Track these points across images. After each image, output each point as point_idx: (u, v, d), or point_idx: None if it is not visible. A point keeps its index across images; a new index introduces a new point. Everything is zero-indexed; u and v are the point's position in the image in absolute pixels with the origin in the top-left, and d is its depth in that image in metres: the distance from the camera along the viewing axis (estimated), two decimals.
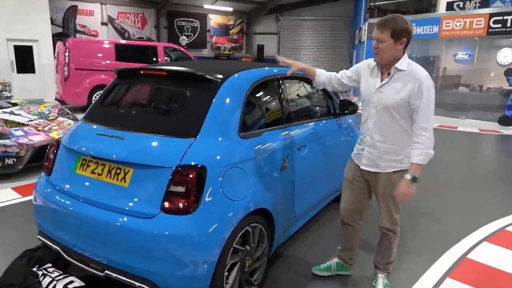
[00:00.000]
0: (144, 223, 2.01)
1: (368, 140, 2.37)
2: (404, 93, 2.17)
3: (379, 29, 2.16)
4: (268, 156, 2.52)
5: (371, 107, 2.32)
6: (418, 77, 2.14)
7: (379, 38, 2.16)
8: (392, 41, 2.14)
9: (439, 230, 3.63)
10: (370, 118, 2.33)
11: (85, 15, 15.99)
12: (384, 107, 2.24)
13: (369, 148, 2.37)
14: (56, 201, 2.35)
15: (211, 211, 2.05)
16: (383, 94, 2.25)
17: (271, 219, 2.52)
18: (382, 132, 2.30)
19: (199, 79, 2.39)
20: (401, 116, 2.23)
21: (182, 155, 2.07)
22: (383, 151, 2.31)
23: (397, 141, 2.28)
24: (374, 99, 2.29)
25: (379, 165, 2.35)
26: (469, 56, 12.21)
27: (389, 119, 2.26)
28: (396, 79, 2.21)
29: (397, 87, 2.19)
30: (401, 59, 2.20)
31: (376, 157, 2.34)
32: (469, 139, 8.69)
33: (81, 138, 2.48)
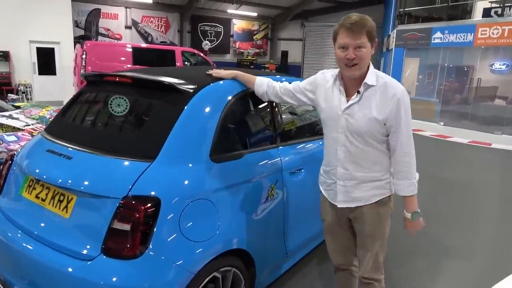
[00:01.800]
0: (80, 267, 1.62)
1: (339, 172, 1.88)
2: (379, 115, 1.73)
3: (355, 32, 1.67)
4: (249, 184, 2.08)
5: (338, 133, 1.83)
6: (395, 93, 1.73)
7: (358, 44, 1.68)
8: (369, 45, 1.72)
9: (467, 272, 3.06)
10: (339, 146, 1.85)
11: (110, 19, 16.12)
12: (356, 132, 1.78)
13: (344, 181, 1.89)
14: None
15: (162, 255, 1.63)
16: (352, 116, 1.77)
17: (251, 260, 2.08)
18: (357, 161, 1.84)
19: (168, 89, 1.99)
20: (377, 139, 1.80)
21: (132, 183, 1.67)
22: (360, 181, 1.87)
23: (377, 167, 1.86)
24: (341, 123, 1.81)
25: (360, 196, 1.89)
26: (507, 67, 11.29)
27: (364, 145, 1.81)
28: (367, 97, 1.76)
29: (369, 108, 1.75)
30: (369, 73, 1.76)
31: (354, 189, 1.88)
32: (505, 158, 7.86)
33: (31, 155, 2.13)
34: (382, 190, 1.89)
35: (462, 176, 5.91)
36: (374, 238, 1.93)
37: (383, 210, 1.91)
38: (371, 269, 1.98)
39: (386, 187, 1.89)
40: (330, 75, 1.89)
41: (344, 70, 1.76)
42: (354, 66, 1.71)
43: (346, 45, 1.70)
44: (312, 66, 19.40)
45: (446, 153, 8.06)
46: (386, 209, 1.92)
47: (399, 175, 1.81)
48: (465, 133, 10.20)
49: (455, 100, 12.45)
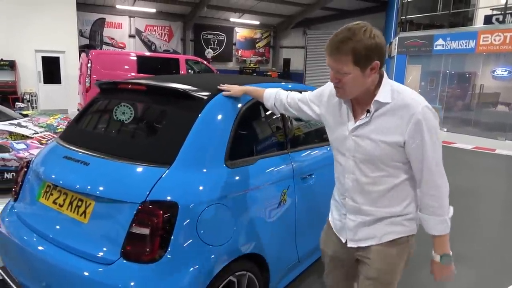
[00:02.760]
0: (100, 271, 1.65)
1: (349, 205, 1.60)
2: (395, 138, 1.42)
3: (333, 55, 1.39)
4: (262, 189, 2.11)
5: (346, 157, 1.55)
6: (413, 111, 1.38)
7: (338, 69, 1.40)
8: (358, 71, 1.37)
9: (477, 279, 3.06)
10: (346, 174, 1.57)
11: (114, 28, 16.29)
12: (366, 158, 1.49)
13: (354, 216, 1.59)
14: (16, 234, 2.05)
15: (181, 259, 1.66)
16: (362, 139, 1.48)
17: (265, 265, 2.10)
18: (368, 193, 1.53)
19: (182, 96, 2.03)
20: (394, 166, 1.48)
21: (150, 188, 1.70)
22: (374, 218, 1.55)
23: (393, 201, 1.53)
24: (349, 146, 1.52)
25: (373, 234, 1.57)
26: (509, 73, 11.34)
27: (376, 173, 1.50)
28: (378, 117, 1.44)
29: (382, 129, 1.44)
30: (382, 86, 1.44)
31: (367, 226, 1.58)
32: (509, 164, 7.87)
33: (48, 161, 2.16)
34: (399, 227, 1.56)
35: (467, 182, 5.91)
36: (383, 283, 1.60)
37: (398, 252, 1.58)
38: None
39: (405, 224, 1.55)
40: None
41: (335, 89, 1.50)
42: (338, 89, 1.46)
43: (328, 65, 1.44)
44: (314, 73, 19.49)
45: (450, 159, 8.04)
46: (402, 251, 1.59)
47: (427, 210, 1.48)
48: (469, 139, 10.21)
49: (457, 106, 12.48)
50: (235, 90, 2.08)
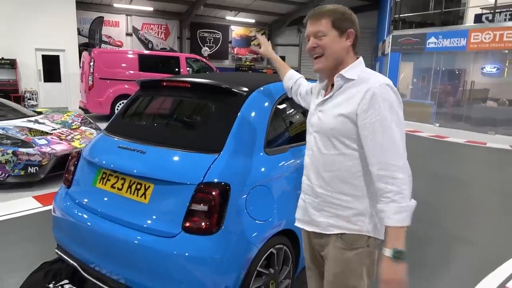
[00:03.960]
0: (164, 242, 1.91)
1: (304, 183, 1.61)
2: (345, 110, 1.41)
3: (313, 19, 1.47)
4: (294, 174, 2.38)
5: (310, 133, 1.58)
6: (370, 85, 1.38)
7: (317, 32, 1.45)
8: (335, 33, 1.44)
9: (475, 256, 3.39)
10: (307, 150, 1.59)
11: (111, 26, 16.40)
12: (321, 131, 1.49)
13: (305, 195, 1.61)
14: (75, 215, 2.28)
15: (234, 232, 1.93)
16: (324, 113, 1.50)
17: (297, 240, 2.38)
18: (320, 171, 1.50)
19: (224, 92, 2.29)
20: (346, 146, 1.44)
21: (205, 171, 1.97)
22: (323, 201, 1.51)
23: (344, 186, 1.46)
24: (314, 121, 1.55)
25: (317, 221, 1.53)
26: (497, 70, 11.80)
27: (328, 150, 1.47)
28: (342, 92, 1.47)
29: (341, 101, 1.45)
30: (351, 64, 1.48)
31: (314, 209, 1.55)
32: (500, 157, 8.29)
33: (102, 151, 2.41)
34: (348, 224, 1.47)
35: (461, 174, 6.28)
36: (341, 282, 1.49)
37: (355, 257, 1.46)
38: None
39: (353, 222, 1.46)
40: None
41: (313, 65, 1.54)
42: (318, 58, 1.49)
43: (307, 35, 1.50)
44: (309, 71, 19.83)
45: (444, 152, 8.45)
46: (360, 257, 1.46)
47: (384, 197, 1.32)
48: (461, 134, 10.64)
49: (449, 102, 12.93)
50: (265, 49, 2.23)
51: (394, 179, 1.30)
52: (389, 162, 1.32)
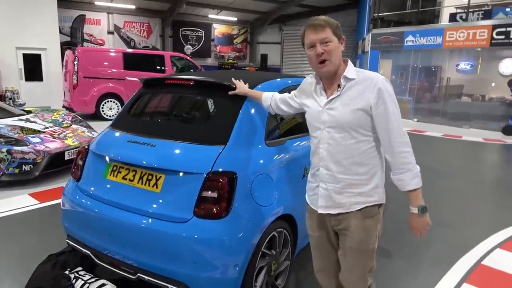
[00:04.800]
0: (178, 227, 2.08)
1: (322, 173, 1.80)
2: (361, 105, 1.68)
3: (316, 29, 1.69)
4: (292, 164, 2.60)
5: (321, 130, 1.78)
6: (375, 83, 1.68)
7: (323, 39, 1.68)
8: (336, 40, 1.70)
9: (453, 238, 3.69)
10: (321, 144, 1.78)
11: (92, 24, 16.22)
12: (338, 125, 1.72)
13: (326, 184, 1.79)
14: (87, 206, 2.42)
15: (242, 216, 2.12)
16: (335, 110, 1.74)
17: (295, 225, 2.59)
18: (340, 160, 1.74)
19: (227, 89, 2.47)
20: (361, 134, 1.71)
21: (213, 161, 2.15)
22: (345, 185, 1.75)
23: (362, 168, 1.74)
24: (324, 118, 1.77)
25: (341, 203, 1.77)
26: (471, 67, 12.36)
27: (346, 140, 1.72)
28: (347, 90, 1.73)
29: (351, 99, 1.71)
30: (348, 66, 1.75)
31: (337, 194, 1.77)
32: (474, 149, 8.77)
33: (112, 145, 2.55)
34: (368, 198, 1.75)
35: (439, 165, 6.65)
36: (360, 252, 1.80)
37: (373, 223, 1.79)
38: (357, 281, 1.87)
39: (371, 195, 1.75)
40: (312, 79, 1.90)
41: (318, 69, 1.74)
42: (325, 62, 1.70)
43: (313, 43, 1.70)
44: (291, 68, 20.13)
45: (423, 145, 8.85)
46: (376, 222, 1.80)
47: (400, 168, 1.67)
48: (438, 128, 11.12)
49: (426, 98, 13.45)
50: (239, 90, 2.36)
51: (405, 153, 1.67)
52: (399, 140, 1.66)
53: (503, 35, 10.46)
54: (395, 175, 1.71)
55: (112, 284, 2.30)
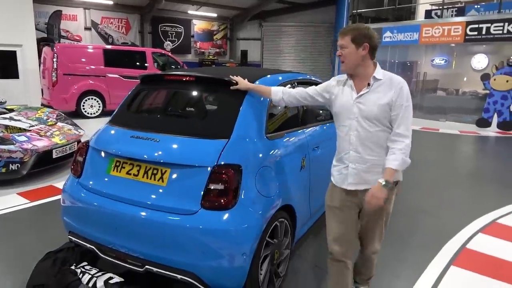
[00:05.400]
0: (186, 219, 2.14)
1: (352, 156, 2.15)
2: (386, 101, 2.06)
3: (340, 36, 2.14)
4: (290, 156, 2.70)
5: (351, 119, 2.13)
6: (398, 83, 2.09)
7: (341, 45, 2.11)
8: (353, 47, 2.07)
9: (436, 225, 3.88)
10: (351, 132, 2.14)
11: (68, 20, 15.80)
12: (366, 117, 2.09)
13: (356, 164, 2.15)
14: (91, 202, 2.44)
15: (248, 206, 2.20)
16: (364, 104, 2.10)
17: (294, 215, 2.70)
18: (368, 144, 2.11)
19: (226, 85, 2.54)
20: (384, 124, 2.09)
21: (218, 155, 2.22)
22: (371, 164, 2.12)
23: (383, 151, 2.12)
24: (354, 110, 2.12)
25: (369, 180, 2.13)
26: (445, 62, 12.81)
27: (373, 128, 2.10)
28: (375, 88, 2.10)
29: (378, 96, 2.08)
30: (376, 69, 2.13)
31: (364, 172, 2.14)
32: (451, 141, 9.13)
33: (114, 141, 2.57)
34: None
35: (419, 156, 6.91)
36: (381, 213, 2.23)
37: (389, 192, 2.11)
38: (375, 238, 2.32)
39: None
40: (343, 78, 2.24)
41: (341, 64, 2.17)
42: (342, 63, 2.14)
43: (338, 45, 2.15)
44: (271, 64, 20.22)
45: None
46: (392, 192, 2.19)
47: (391, 150, 2.05)
48: (416, 121, 11.47)
49: None
50: (242, 85, 2.48)
51: (403, 143, 2.04)
52: (405, 134, 2.06)
53: (476, 31, 10.88)
54: (388, 154, 2.07)
55: (119, 277, 2.34)
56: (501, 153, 8.23)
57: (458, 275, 2.90)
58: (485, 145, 8.99)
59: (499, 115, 10.42)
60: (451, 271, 2.96)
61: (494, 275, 2.90)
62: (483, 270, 2.97)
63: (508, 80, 10.14)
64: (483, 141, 9.26)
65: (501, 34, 10.42)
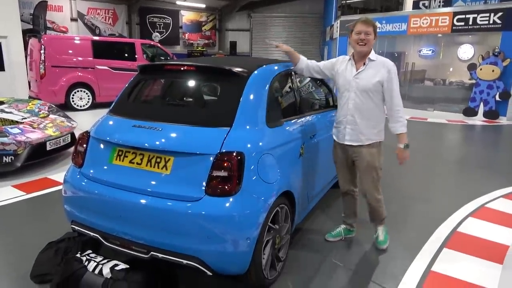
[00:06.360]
0: (191, 206, 2.18)
1: (349, 119, 2.83)
2: (378, 78, 2.72)
3: (366, 24, 2.72)
4: (290, 144, 2.76)
5: (349, 91, 2.80)
6: (388, 65, 2.76)
7: (367, 31, 2.70)
8: (373, 35, 2.74)
9: (428, 210, 4.01)
10: (350, 101, 2.81)
11: (54, 11, 15.48)
12: (362, 90, 2.75)
13: (351, 126, 2.83)
14: (94, 191, 2.46)
15: (251, 192, 2.26)
16: (360, 79, 2.77)
17: (293, 201, 2.76)
18: (361, 111, 2.78)
19: (227, 74, 2.58)
20: (375, 97, 2.76)
21: (221, 142, 2.26)
22: (363, 127, 2.80)
23: (374, 117, 2.80)
24: (352, 84, 2.78)
25: (361, 138, 2.83)
26: (432, 52, 12.98)
27: (366, 100, 2.76)
28: (369, 67, 2.76)
29: (372, 73, 2.75)
30: (371, 52, 2.78)
31: (358, 133, 2.82)
32: (439, 129, 9.32)
33: (115, 131, 2.59)
34: (375, 137, 2.85)
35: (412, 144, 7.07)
36: (370, 168, 2.90)
37: (375, 150, 2.87)
38: (371, 189, 2.96)
39: (377, 135, 2.86)
40: (346, 58, 2.90)
41: (356, 47, 2.75)
42: (363, 45, 2.73)
43: (360, 31, 2.72)
44: (260, 55, 20.18)
45: None
46: (377, 150, 2.88)
47: (396, 119, 2.76)
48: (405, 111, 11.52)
49: None
50: (283, 47, 3.01)
51: (399, 110, 2.77)
52: (398, 103, 2.76)
53: (462, 22, 11.05)
54: (391, 123, 2.80)
55: (124, 264, 2.37)
56: (487, 140, 8.45)
57: (450, 257, 3.02)
58: (472, 134, 9.21)
59: (485, 104, 10.65)
60: (444, 253, 3.08)
61: (485, 256, 3.03)
62: (474, 252, 3.10)
63: (493, 69, 10.34)
64: (470, 130, 9.48)
65: (487, 24, 10.61)
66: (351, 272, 2.80)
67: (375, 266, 2.90)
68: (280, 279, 2.65)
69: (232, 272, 2.31)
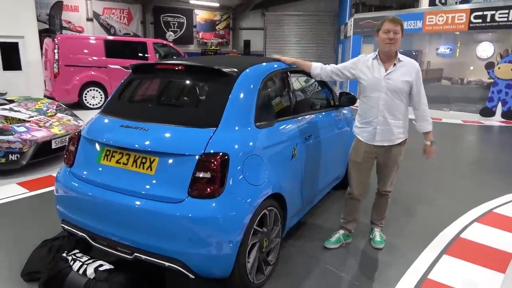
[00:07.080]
0: (174, 207, 2.15)
1: (380, 120, 2.83)
2: (408, 78, 2.76)
3: (394, 23, 2.70)
4: (281, 145, 2.69)
5: (380, 92, 2.78)
6: (416, 66, 2.82)
7: (396, 30, 2.69)
8: (401, 34, 2.74)
9: (433, 213, 3.88)
10: (380, 101, 2.80)
11: (70, 11, 15.78)
12: (393, 90, 2.76)
13: (382, 126, 2.84)
14: (81, 191, 2.46)
15: (234, 195, 2.21)
16: (391, 80, 2.77)
17: (284, 204, 2.70)
18: (392, 111, 2.80)
19: (216, 73, 2.53)
20: (404, 97, 2.80)
21: (205, 143, 2.22)
22: (394, 127, 2.83)
23: (402, 117, 2.85)
24: (383, 85, 2.77)
25: (391, 138, 2.87)
26: (450, 50, 12.63)
27: (397, 100, 2.78)
28: (399, 68, 2.78)
29: (401, 73, 2.77)
30: (399, 54, 2.79)
31: (389, 133, 2.85)
32: (453, 130, 9.05)
33: (104, 130, 2.58)
34: (403, 135, 2.91)
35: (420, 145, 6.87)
36: (394, 164, 2.99)
37: (402, 148, 2.97)
38: (388, 185, 3.08)
39: (404, 133, 2.92)
40: (370, 56, 2.88)
41: (384, 46, 2.73)
42: (391, 44, 2.71)
43: (388, 30, 2.70)
44: (273, 52, 20.07)
45: None
46: (403, 147, 2.98)
47: (423, 118, 2.89)
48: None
49: None
50: (288, 60, 3.08)
51: (426, 109, 2.89)
52: (423, 102, 2.87)
53: (480, 19, 10.70)
54: (419, 122, 2.92)
55: (109, 264, 2.36)
56: (504, 142, 8.16)
57: (449, 264, 2.90)
58: (489, 135, 8.91)
59: (503, 104, 10.30)
60: (443, 260, 2.96)
61: (486, 264, 2.90)
62: (475, 259, 2.97)
63: None
64: (487, 131, 9.18)
65: (506, 21, 10.24)
66: (343, 278, 2.72)
67: (369, 272, 2.81)
68: (269, 283, 2.60)
69: (215, 276, 2.27)
